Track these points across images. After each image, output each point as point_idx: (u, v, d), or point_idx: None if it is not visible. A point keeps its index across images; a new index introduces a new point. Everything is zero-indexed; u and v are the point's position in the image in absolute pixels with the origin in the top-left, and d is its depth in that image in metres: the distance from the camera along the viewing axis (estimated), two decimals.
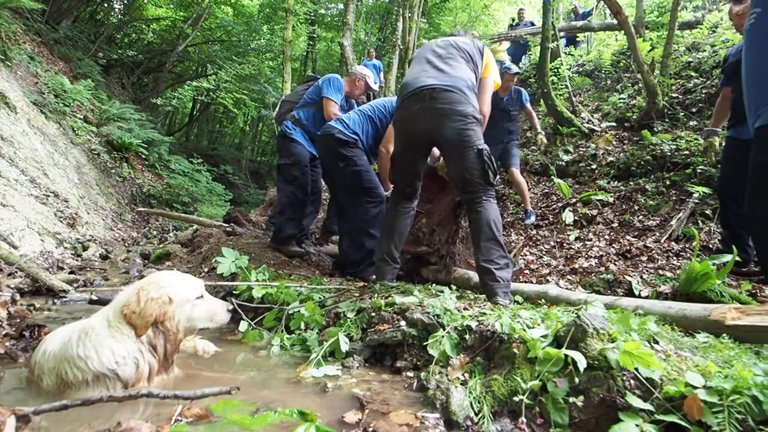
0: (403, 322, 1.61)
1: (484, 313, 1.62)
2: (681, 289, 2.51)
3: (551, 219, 4.46)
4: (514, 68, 4.23)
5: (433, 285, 2.53)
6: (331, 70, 16.96)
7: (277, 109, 3.80)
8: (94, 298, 2.05)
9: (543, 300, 1.92)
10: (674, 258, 3.15)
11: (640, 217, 3.90)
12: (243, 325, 1.86)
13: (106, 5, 15.10)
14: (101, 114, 8.41)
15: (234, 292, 2.13)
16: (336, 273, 2.83)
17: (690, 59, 5.18)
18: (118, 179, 7.74)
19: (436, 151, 2.47)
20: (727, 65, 2.76)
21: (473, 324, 1.51)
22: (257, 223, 4.77)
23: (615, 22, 7.02)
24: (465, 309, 1.70)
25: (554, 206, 4.61)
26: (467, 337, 1.47)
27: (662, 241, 3.43)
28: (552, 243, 3.98)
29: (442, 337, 1.47)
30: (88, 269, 3.34)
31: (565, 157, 5.01)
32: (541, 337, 1.27)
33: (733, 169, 2.66)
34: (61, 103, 7.27)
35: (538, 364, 1.19)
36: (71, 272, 2.79)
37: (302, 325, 1.89)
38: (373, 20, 14.68)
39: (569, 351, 1.14)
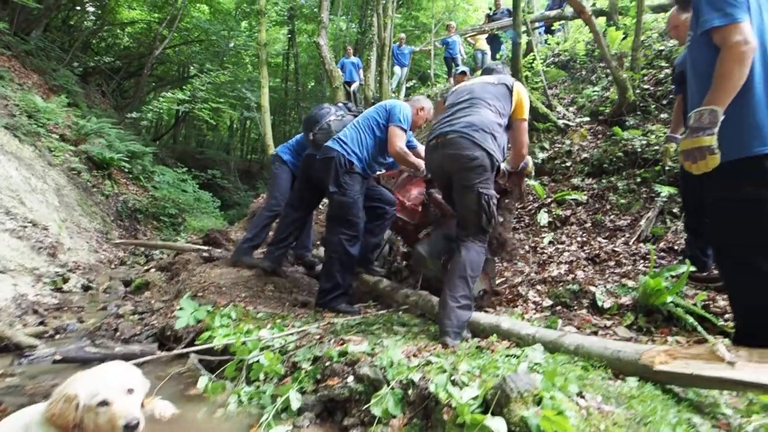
0: (350, 378, 1.65)
1: (430, 362, 1.66)
2: (640, 301, 2.56)
3: (527, 221, 4.49)
4: (467, 69, 4.38)
5: (399, 314, 2.58)
6: (314, 65, 16.74)
7: (320, 133, 3.17)
8: (58, 357, 2.08)
9: (495, 334, 1.97)
10: (641, 261, 3.19)
11: (612, 216, 3.93)
12: (202, 381, 1.91)
13: (78, 9, 14.74)
14: (79, 130, 8.31)
15: (196, 343, 2.17)
16: (305, 307, 2.86)
17: (662, 47, 5.12)
18: (102, 197, 7.71)
19: None
20: (675, 74, 2.75)
21: (417, 377, 1.55)
22: (236, 241, 4.79)
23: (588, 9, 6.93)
24: (414, 355, 1.74)
25: (530, 206, 4.64)
26: (410, 392, 1.52)
27: (631, 243, 3.47)
28: (527, 247, 4.03)
29: (386, 394, 1.52)
30: (65, 308, 3.37)
31: (541, 155, 5.01)
32: (471, 399, 1.32)
33: (690, 175, 2.68)
34: (34, 124, 7.18)
35: (466, 430, 1.24)
36: (41, 322, 2.81)
37: (262, 376, 1.94)
38: (352, 12, 14.38)
39: (492, 419, 1.19)
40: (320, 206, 4.46)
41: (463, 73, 4.40)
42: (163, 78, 17.23)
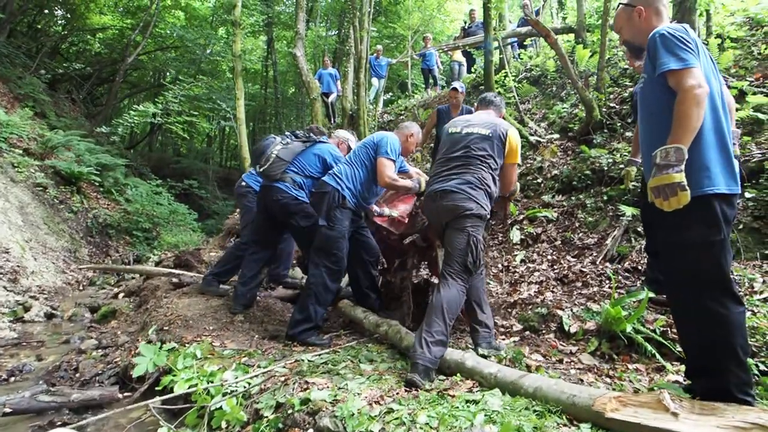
0: (311, 431, 1.63)
1: (391, 410, 1.66)
2: (603, 326, 2.63)
3: (500, 238, 4.55)
4: (459, 85, 4.42)
5: (369, 346, 2.57)
6: (293, 72, 16.58)
7: (268, 164, 3.13)
8: (8, 410, 1.99)
9: (459, 373, 1.98)
10: (607, 282, 3.27)
11: (581, 234, 4.02)
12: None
13: (46, 13, 14.22)
14: (45, 143, 8.01)
15: (156, 388, 2.11)
16: (274, 339, 2.81)
17: (627, 66, 5.29)
18: (69, 213, 7.44)
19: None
20: (633, 102, 2.84)
21: (376, 429, 1.55)
22: (210, 264, 4.69)
23: (558, 26, 7.10)
24: (377, 402, 1.74)
25: (502, 224, 4.70)
26: None
27: (598, 262, 3.56)
28: (500, 266, 4.08)
29: None
30: (24, 343, 3.23)
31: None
32: None
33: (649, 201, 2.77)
34: None
35: None
36: None
37: (224, 423, 1.90)
38: (330, 20, 14.34)
39: None
40: None
41: (455, 89, 4.41)
42: (137, 84, 16.78)
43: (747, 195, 3.35)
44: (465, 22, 8.57)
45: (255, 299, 3.36)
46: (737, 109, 3.98)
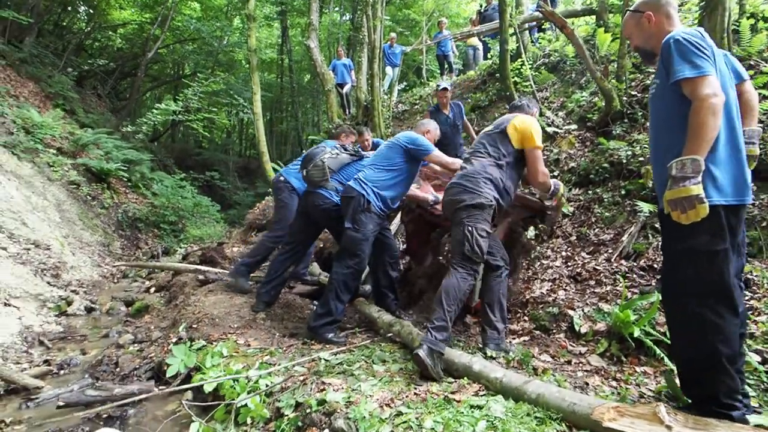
0: (327, 431, 1.78)
1: (401, 413, 1.79)
2: (614, 328, 2.67)
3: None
4: (448, 84, 4.52)
5: (382, 345, 2.70)
6: (308, 60, 16.58)
7: (315, 169, 3.23)
8: (61, 403, 2.24)
9: (467, 377, 2.08)
10: (621, 281, 3.28)
11: (596, 230, 4.00)
12: (194, 427, 2.05)
13: (69, 10, 14.64)
14: (76, 142, 8.41)
15: (191, 381, 2.31)
16: (293, 337, 2.98)
17: None
18: (102, 209, 7.86)
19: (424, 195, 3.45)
20: None
21: (386, 431, 1.68)
22: (233, 259, 4.92)
23: (578, 8, 6.83)
24: (387, 405, 1.87)
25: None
26: None
27: (613, 260, 3.55)
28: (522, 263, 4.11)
29: None
30: (69, 338, 3.53)
31: None
32: None
33: None
34: (32, 140, 7.28)
35: None
36: (45, 361, 2.97)
37: (249, 420, 2.08)
38: (343, 6, 14.17)
39: None
40: None
41: (445, 89, 4.45)
42: (158, 78, 17.18)
43: None
44: (481, 6, 8.34)
45: (277, 297, 3.53)
46: (765, 97, 3.82)
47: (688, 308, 1.64)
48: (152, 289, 4.86)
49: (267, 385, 2.23)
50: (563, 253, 3.93)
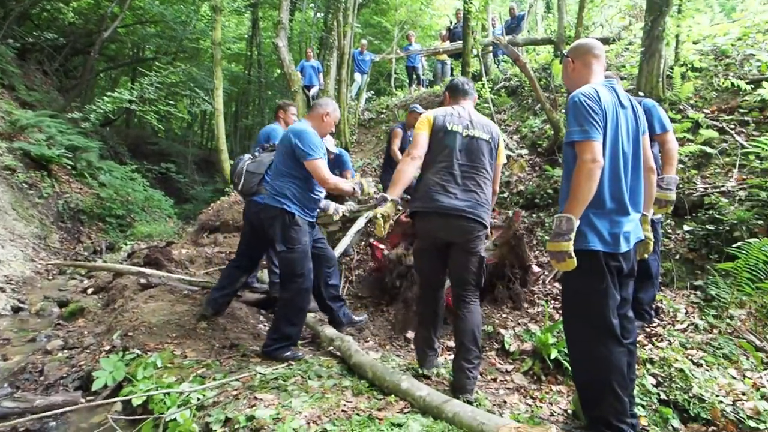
0: None
1: (326, 430, 1.91)
2: (538, 349, 2.92)
3: None
4: (420, 108, 4.58)
5: (321, 359, 2.80)
6: (278, 56, 16.36)
7: (243, 180, 3.24)
8: None
9: (394, 394, 2.23)
10: (552, 302, 3.57)
11: (536, 252, 4.31)
12: None
13: None
14: (14, 123, 7.87)
15: (119, 394, 2.31)
16: (233, 349, 3.01)
17: None
18: (40, 198, 7.41)
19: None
20: None
21: None
22: (180, 262, 4.84)
23: (538, 37, 7.27)
24: (314, 422, 1.98)
25: None
26: None
27: (547, 282, 3.86)
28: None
29: None
30: None
31: None
32: None
33: None
34: None
35: None
36: None
37: None
38: (317, 5, 14.14)
39: None
40: None
41: (416, 112, 4.45)
42: (114, 58, 16.32)
43: (686, 227, 3.67)
44: (451, 22, 8.66)
45: (226, 307, 3.47)
46: (690, 141, 4.29)
47: (578, 339, 1.90)
48: (90, 290, 4.68)
49: (198, 399, 2.27)
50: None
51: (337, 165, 4.91)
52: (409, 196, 3.29)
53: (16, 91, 10.38)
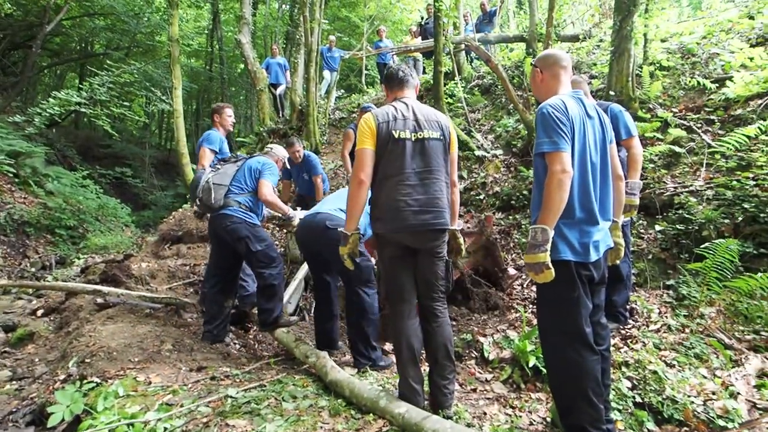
0: None
1: None
2: (517, 356, 3.02)
3: None
4: (374, 107, 4.71)
5: (295, 378, 2.80)
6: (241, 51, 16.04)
7: (211, 194, 3.35)
8: None
9: (372, 413, 2.26)
10: (530, 306, 3.69)
11: (514, 255, 4.44)
12: None
13: None
14: None
15: (78, 428, 2.23)
16: (201, 371, 2.97)
17: None
18: None
19: None
20: None
21: None
22: (140, 278, 4.69)
23: (510, 35, 7.47)
24: None
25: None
26: None
27: (525, 286, 3.99)
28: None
29: None
30: None
31: (459, 185, 5.43)
32: None
33: None
34: None
35: None
36: None
37: None
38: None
39: None
40: None
41: (367, 109, 4.52)
42: (59, 53, 15.56)
43: (657, 227, 3.87)
44: (422, 18, 8.75)
45: (226, 334, 3.61)
46: (659, 140, 4.52)
47: (552, 347, 2.00)
48: (40, 312, 4.47)
49: (165, 429, 2.23)
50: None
51: (306, 169, 4.91)
52: None
53: None
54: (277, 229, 5.64)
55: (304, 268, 4.41)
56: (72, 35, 14.54)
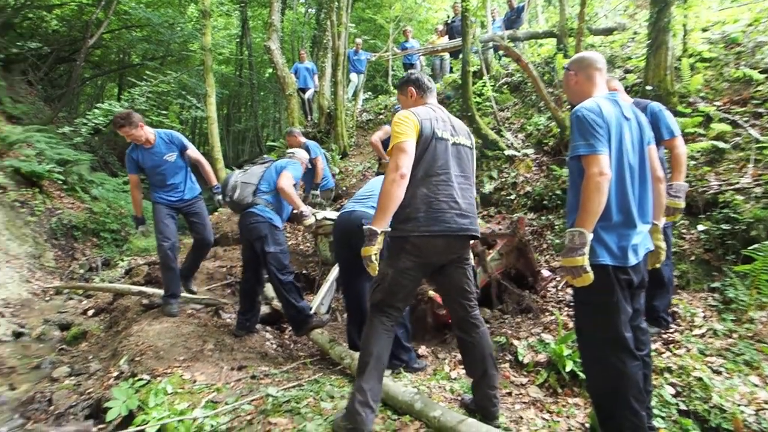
0: None
1: None
2: (553, 360, 2.99)
3: None
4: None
5: (332, 378, 2.88)
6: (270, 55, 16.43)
7: (238, 192, 3.55)
8: None
9: (408, 414, 2.30)
10: (565, 309, 3.64)
11: (547, 257, 4.37)
12: None
13: None
14: (3, 140, 7.96)
15: (130, 430, 2.39)
16: (242, 370, 3.09)
17: None
18: (31, 217, 7.50)
19: None
20: None
21: None
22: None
23: (540, 31, 7.32)
24: None
25: None
26: None
27: (559, 288, 3.92)
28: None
29: None
30: None
31: (488, 186, 5.40)
32: None
33: None
34: None
35: None
36: None
37: None
38: (308, 2, 14.19)
39: None
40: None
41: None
42: (100, 65, 16.40)
43: (700, 227, 3.73)
44: (448, 16, 8.70)
45: (256, 324, 3.81)
46: (701, 136, 4.34)
47: (592, 353, 1.97)
48: (90, 311, 4.77)
49: (212, 426, 2.35)
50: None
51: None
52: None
53: (2, 104, 10.50)
54: (308, 233, 5.77)
55: (336, 269, 4.50)
56: (111, 47, 15.30)
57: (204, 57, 7.42)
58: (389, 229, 2.11)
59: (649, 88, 4.60)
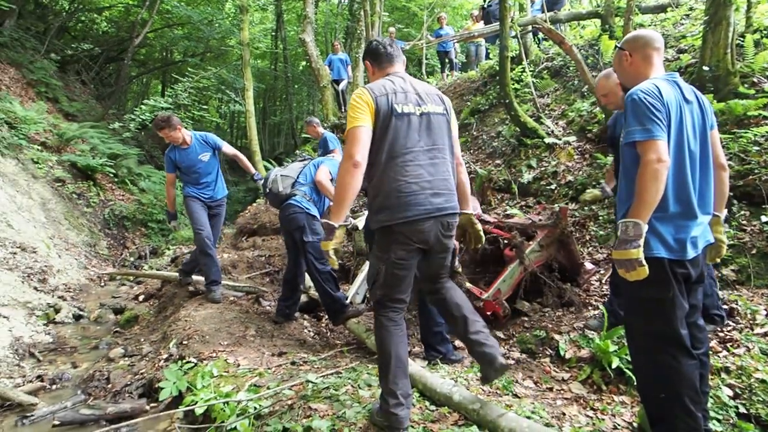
0: None
1: None
2: (596, 354, 2.87)
3: None
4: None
5: (369, 367, 2.91)
6: (304, 47, 16.61)
7: (278, 184, 3.69)
8: (56, 423, 2.45)
9: (447, 406, 2.29)
10: (602, 309, 3.47)
11: (590, 248, 4.19)
12: None
13: None
14: (60, 136, 8.54)
15: (180, 409, 2.52)
16: (282, 356, 3.18)
17: None
18: (87, 208, 8.03)
19: None
20: (608, 135, 3.01)
21: None
22: (224, 268, 5.11)
23: (583, 11, 6.94)
24: None
25: None
26: None
27: (603, 281, 3.76)
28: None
29: None
30: (59, 349, 3.74)
31: (527, 175, 5.23)
32: None
33: None
34: (16, 135, 7.41)
35: None
36: (39, 377, 3.17)
37: None
38: None
39: None
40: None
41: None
42: (144, 63, 17.21)
43: (763, 218, 3.45)
44: (484, 1, 8.43)
45: (295, 312, 3.94)
46: (765, 118, 3.99)
47: (645, 351, 1.86)
48: (141, 297, 5.06)
49: (255, 408, 2.44)
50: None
51: (321, 145, 5.49)
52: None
53: (59, 103, 11.24)
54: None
55: None
56: (155, 46, 16.00)
57: (242, 52, 7.58)
58: (347, 223, 2.04)
59: (706, 68, 4.27)
